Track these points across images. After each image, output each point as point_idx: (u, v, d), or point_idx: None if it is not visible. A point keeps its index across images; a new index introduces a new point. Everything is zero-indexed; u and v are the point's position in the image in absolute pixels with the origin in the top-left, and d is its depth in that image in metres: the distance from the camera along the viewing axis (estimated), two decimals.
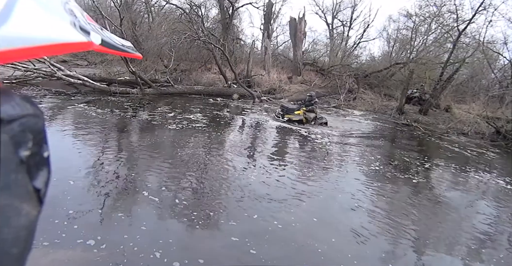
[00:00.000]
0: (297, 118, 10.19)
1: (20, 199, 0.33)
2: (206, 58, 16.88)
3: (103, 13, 12.95)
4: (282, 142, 8.04)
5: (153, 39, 15.71)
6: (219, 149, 6.77)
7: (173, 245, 3.24)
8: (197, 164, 5.75)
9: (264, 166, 5.95)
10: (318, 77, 18.43)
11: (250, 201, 4.42)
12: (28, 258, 0.34)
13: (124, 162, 5.64)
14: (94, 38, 0.49)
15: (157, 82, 13.56)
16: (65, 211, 3.64)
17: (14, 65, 11.67)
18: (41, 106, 9.42)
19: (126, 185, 4.64)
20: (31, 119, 0.35)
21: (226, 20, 18.99)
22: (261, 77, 16.38)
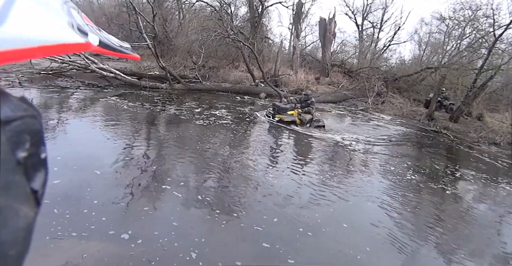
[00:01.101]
0: (290, 118, 9.38)
1: (18, 201, 0.32)
2: (234, 56, 16.95)
3: (136, 9, 13.18)
4: (305, 145, 7.82)
5: (183, 36, 15.90)
6: (243, 148, 6.74)
7: (206, 246, 3.21)
8: (221, 161, 5.74)
9: (287, 168, 5.85)
10: (346, 79, 18.16)
11: (274, 204, 4.33)
12: (25, 259, 0.32)
13: (151, 155, 5.72)
14: (92, 39, 0.48)
15: (186, 78, 13.71)
16: (92, 202, 3.70)
17: (51, 57, 12.10)
18: (75, 97, 9.75)
19: (151, 178, 4.69)
20: (28, 120, 0.34)
21: (255, 19, 18.99)
22: (289, 77, 16.28)
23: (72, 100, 9.40)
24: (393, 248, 3.67)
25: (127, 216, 3.58)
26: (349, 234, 3.86)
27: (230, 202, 4.24)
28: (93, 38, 0.48)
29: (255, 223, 3.76)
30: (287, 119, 9.32)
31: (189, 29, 16.37)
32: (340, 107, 14.26)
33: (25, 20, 0.37)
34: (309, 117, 9.44)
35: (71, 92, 10.41)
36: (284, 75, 16.32)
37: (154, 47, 12.60)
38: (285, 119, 9.31)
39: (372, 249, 3.59)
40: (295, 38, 18.92)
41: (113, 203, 3.76)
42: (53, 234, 3.06)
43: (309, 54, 22.02)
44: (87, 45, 0.45)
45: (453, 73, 14.52)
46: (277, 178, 5.26)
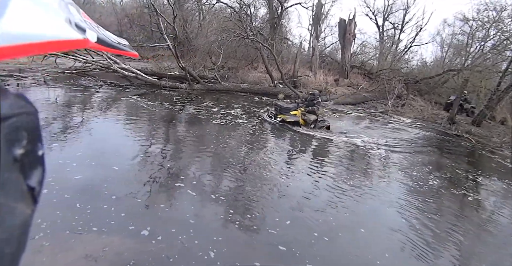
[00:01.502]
0: (292, 119, 8.89)
1: (14, 198, 0.32)
2: (253, 57, 16.99)
3: (158, 10, 13.39)
4: (322, 147, 7.71)
5: (203, 37, 16.05)
6: (258, 147, 6.75)
7: (223, 245, 3.21)
8: (236, 160, 5.76)
9: (303, 170, 5.80)
10: (366, 80, 17.92)
11: (288, 206, 4.30)
12: (21, 258, 0.32)
13: (167, 152, 5.84)
14: (90, 36, 0.48)
15: (205, 78, 13.82)
16: (110, 197, 3.79)
17: (75, 57, 12.45)
18: (98, 96, 9.98)
19: (167, 176, 4.76)
20: (25, 117, 0.34)
21: (275, 20, 18.98)
22: (308, 78, 16.20)
23: (94, 99, 9.62)
24: (413, 255, 3.58)
25: (145, 212, 3.63)
26: (366, 239, 3.78)
27: (245, 202, 4.24)
28: (91, 34, 0.49)
29: (270, 224, 3.74)
30: (289, 120, 8.92)
31: (208, 30, 16.52)
32: (359, 109, 14.06)
33: (22, 16, 0.37)
34: (314, 117, 9.08)
35: (94, 91, 10.66)
36: (303, 76, 16.25)
37: (174, 48, 12.76)
38: (288, 120, 8.91)
39: (391, 255, 3.52)
40: (314, 39, 18.82)
41: (130, 199, 3.83)
42: (74, 228, 3.14)
43: (329, 56, 21.85)
44: (84, 42, 0.45)
45: (476, 75, 14.13)
46: (292, 180, 5.24)
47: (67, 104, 8.61)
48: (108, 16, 26.37)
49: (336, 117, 11.21)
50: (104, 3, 29.86)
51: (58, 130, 6.21)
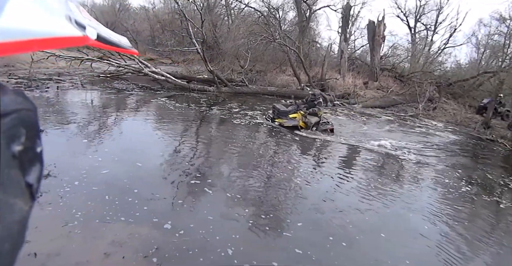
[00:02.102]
0: (290, 123, 8.38)
1: (13, 195, 0.32)
2: (281, 60, 17.03)
3: (186, 16, 13.78)
4: (348, 150, 7.58)
5: (231, 41, 16.29)
6: (284, 150, 6.82)
7: (241, 244, 3.26)
8: (261, 161, 5.86)
9: (327, 173, 5.76)
10: (396, 83, 17.47)
11: (307, 208, 4.27)
12: (19, 254, 0.33)
13: (187, 150, 6.10)
14: (90, 33, 0.48)
15: (233, 81, 14.03)
16: (133, 191, 4.04)
17: (109, 61, 13.00)
18: (130, 98, 10.43)
19: (186, 173, 4.94)
20: (24, 114, 0.34)
21: (303, 23, 18.97)
22: (336, 81, 16.03)
23: (126, 101, 10.20)
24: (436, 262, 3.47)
25: (166, 207, 3.83)
26: (386, 244, 3.70)
27: (263, 202, 4.30)
28: (91, 31, 0.49)
29: (288, 226, 3.76)
30: (287, 124, 8.40)
31: (236, 34, 16.75)
32: (388, 112, 13.73)
33: (22, 12, 0.37)
34: (316, 119, 8.48)
35: (126, 94, 11.24)
36: (331, 79, 16.09)
37: (202, 52, 13.07)
38: (285, 124, 8.40)
39: (412, 261, 3.41)
40: (343, 41, 18.59)
41: (152, 194, 4.03)
42: (103, 217, 3.39)
43: (358, 58, 21.51)
44: (84, 39, 0.45)
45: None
46: (312, 182, 5.22)
47: (101, 106, 9.18)
48: (142, 22, 27.28)
49: (363, 120, 10.99)
50: (137, 9, 30.97)
51: (90, 129, 6.71)
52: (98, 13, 26.28)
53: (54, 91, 10.46)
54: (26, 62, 13.38)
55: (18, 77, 12.15)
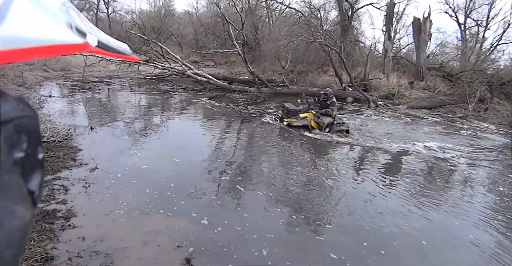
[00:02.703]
0: (300, 123, 7.86)
1: (14, 201, 0.32)
2: (322, 61, 16.87)
3: (228, 19, 14.11)
4: (390, 153, 7.07)
5: (272, 42, 16.40)
6: (323, 153, 6.72)
7: (275, 245, 3.25)
8: (293, 161, 5.84)
9: (366, 176, 5.53)
10: (444, 83, 16.64)
11: (343, 212, 4.13)
12: (20, 261, 0.34)
13: (226, 149, 6.28)
14: (91, 40, 0.49)
15: (274, 82, 14.13)
16: (169, 185, 4.29)
17: (155, 64, 13.63)
18: (174, 98, 10.92)
19: (219, 170, 5.09)
20: (25, 120, 0.34)
21: (345, 22, 18.65)
22: (379, 81, 15.59)
23: (170, 101, 10.77)
24: None
25: (201, 202, 3.98)
26: (430, 253, 3.46)
27: (299, 203, 4.26)
28: (91, 38, 0.49)
29: (324, 229, 3.69)
30: (296, 124, 7.88)
31: (277, 35, 16.84)
32: (434, 113, 13.09)
33: (23, 20, 0.37)
34: (329, 120, 7.93)
35: (170, 94, 11.85)
36: (375, 79, 15.67)
37: (243, 53, 13.32)
38: (294, 124, 7.89)
39: None
40: (387, 40, 18.03)
41: (188, 189, 4.22)
42: (144, 209, 3.63)
43: (404, 57, 20.73)
44: (85, 46, 0.45)
45: None
46: (349, 184, 5.07)
47: (147, 106, 9.79)
48: (186, 26, 28.23)
49: (408, 122, 10.59)
50: (182, 14, 32.09)
51: (135, 127, 7.22)
52: (145, 19, 27.52)
53: (105, 92, 11.25)
54: (80, 66, 14.45)
55: (73, 79, 13.17)
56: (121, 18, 32.58)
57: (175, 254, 2.95)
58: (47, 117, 7.12)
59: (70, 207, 3.57)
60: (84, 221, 3.31)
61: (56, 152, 5.10)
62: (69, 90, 11.31)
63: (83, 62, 13.04)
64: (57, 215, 3.39)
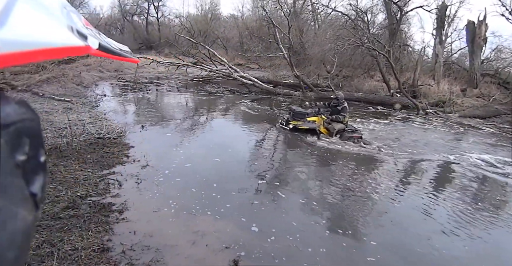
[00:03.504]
0: (307, 125, 7.29)
1: (16, 203, 0.32)
2: (369, 65, 16.52)
3: (274, 22, 14.24)
4: (442, 166, 6.51)
5: (318, 46, 16.31)
6: (369, 163, 6.26)
7: (327, 261, 3.17)
8: (338, 171, 5.65)
9: (411, 189, 5.17)
10: (500, 91, 15.66)
11: (389, 228, 3.88)
12: (24, 263, 0.34)
13: (267, 152, 6.33)
14: (92, 43, 0.49)
15: (319, 86, 14.04)
16: (212, 185, 4.43)
17: (202, 66, 14.08)
18: (219, 100, 11.27)
19: (265, 174, 5.12)
20: (27, 124, 0.35)
21: (393, 26, 18.11)
22: (429, 88, 14.97)
23: (215, 102, 11.16)
24: None
25: (246, 206, 4.02)
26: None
27: (347, 215, 4.12)
28: (92, 41, 0.50)
29: (370, 245, 3.49)
30: (302, 126, 7.30)
31: (323, 38, 16.72)
32: (489, 124, 12.30)
33: (25, 23, 0.37)
34: (340, 126, 7.38)
35: (216, 96, 12.27)
36: (424, 85, 15.07)
37: (289, 57, 13.35)
38: (300, 126, 7.30)
39: None
40: (438, 44, 17.29)
41: (231, 191, 4.31)
42: (191, 209, 3.75)
43: (455, 62, 19.77)
44: (86, 49, 0.46)
45: None
46: (394, 198, 4.73)
47: (193, 106, 10.30)
48: (231, 29, 28.72)
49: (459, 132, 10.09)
50: (227, 18, 32.75)
51: (181, 126, 7.59)
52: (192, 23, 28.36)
53: (154, 93, 11.86)
54: (132, 67, 15.26)
55: (125, 80, 13.98)
56: (170, 22, 33.81)
57: (223, 255, 3.00)
58: (103, 115, 7.64)
59: (124, 201, 3.78)
60: (135, 216, 3.50)
61: (111, 149, 5.45)
62: (121, 90, 12.08)
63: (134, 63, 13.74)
64: (112, 208, 3.60)
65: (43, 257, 2.69)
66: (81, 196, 3.79)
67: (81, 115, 7.29)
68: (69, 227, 3.15)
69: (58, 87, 10.43)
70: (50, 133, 5.85)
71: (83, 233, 3.09)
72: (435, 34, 18.71)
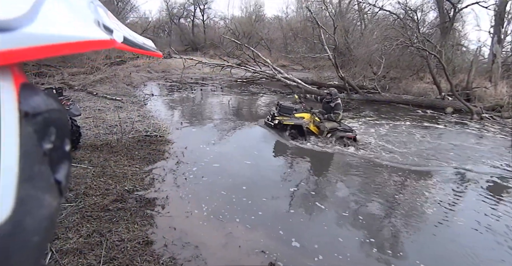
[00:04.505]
0: (292, 121, 6.61)
1: (42, 191, 0.34)
2: (418, 66, 15.77)
3: (319, 23, 14.06)
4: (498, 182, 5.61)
5: (364, 46, 15.86)
6: (427, 176, 5.70)
7: None
8: (383, 183, 5.17)
9: (469, 204, 4.68)
10: None
11: (437, 253, 3.43)
12: (47, 246, 0.35)
13: (299, 159, 5.99)
14: (117, 36, 0.50)
15: (364, 88, 13.64)
16: (240, 188, 4.42)
17: (246, 68, 14.25)
18: (262, 100, 11.31)
19: (299, 181, 4.95)
20: (54, 114, 0.36)
21: (446, 24, 17.16)
22: (485, 90, 14.00)
23: (257, 103, 11.29)
24: None
25: (279, 216, 3.88)
26: None
27: (390, 233, 3.77)
28: (118, 35, 0.50)
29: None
30: (288, 122, 6.62)
31: (370, 39, 16.23)
32: None
33: (54, 18, 0.38)
34: (332, 125, 6.71)
35: (259, 96, 12.44)
36: (479, 87, 14.12)
37: (334, 58, 13.11)
38: (286, 122, 6.62)
39: None
40: (495, 43, 16.14)
41: (260, 196, 4.25)
42: (222, 213, 3.76)
43: None
44: (112, 42, 0.46)
45: None
46: (447, 222, 4.10)
47: (235, 106, 10.50)
48: (275, 31, 28.75)
49: None
50: (271, 19, 32.83)
51: (220, 126, 7.71)
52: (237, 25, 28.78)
53: (198, 93, 12.24)
54: (178, 68, 15.84)
55: (172, 80, 14.62)
56: (215, 24, 34.59)
57: (259, 258, 3.03)
58: (150, 113, 8.07)
59: (165, 196, 3.97)
60: (174, 211, 3.67)
61: (157, 146, 5.74)
62: (168, 89, 12.67)
63: (181, 64, 14.29)
64: (156, 203, 3.79)
65: (93, 246, 2.88)
66: (129, 190, 4.01)
67: (131, 113, 7.68)
68: (116, 219, 3.34)
69: (110, 87, 11.07)
70: (102, 130, 6.26)
71: (129, 225, 3.27)
72: (492, 33, 17.50)
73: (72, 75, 12.05)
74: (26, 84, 0.35)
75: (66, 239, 2.94)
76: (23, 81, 0.35)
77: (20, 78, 0.35)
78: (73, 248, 2.81)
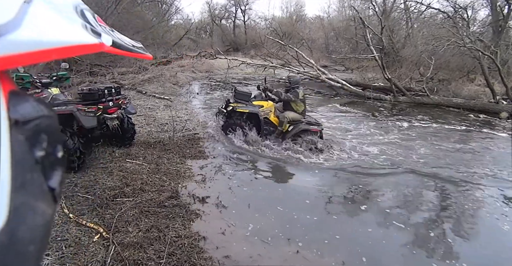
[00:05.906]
0: (247, 109, 5.82)
1: (36, 198, 0.33)
2: (470, 68, 15.04)
3: (365, 22, 13.80)
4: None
5: (411, 47, 15.38)
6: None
7: None
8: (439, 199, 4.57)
9: None
10: None
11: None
12: (43, 255, 0.30)
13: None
14: (105, 40, 0.49)
15: (411, 90, 13.22)
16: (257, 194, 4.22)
17: (290, 68, 14.31)
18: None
19: (349, 194, 4.45)
20: (45, 120, 0.35)
21: (500, 22, 16.22)
22: None
23: None
24: None
25: (308, 231, 3.44)
26: None
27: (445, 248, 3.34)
28: (106, 38, 0.50)
29: None
30: (241, 109, 5.83)
31: (417, 39, 15.70)
32: None
33: (40, 23, 0.38)
34: (294, 115, 5.89)
35: None
36: None
37: (380, 59, 12.81)
38: (239, 109, 5.83)
39: None
40: None
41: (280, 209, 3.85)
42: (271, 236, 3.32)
43: None
44: (100, 46, 0.46)
45: None
46: None
47: None
48: (316, 31, 28.59)
49: None
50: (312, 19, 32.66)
51: None
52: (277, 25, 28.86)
53: None
54: (221, 68, 16.21)
55: (215, 80, 14.99)
56: (255, 25, 34.93)
57: None
58: (196, 111, 8.33)
59: (217, 196, 3.98)
60: (218, 214, 3.63)
61: (204, 143, 5.91)
62: (211, 89, 12.91)
63: (223, 65, 14.59)
64: (208, 202, 3.85)
65: (152, 240, 2.94)
66: (182, 187, 4.13)
67: (179, 112, 7.90)
68: (173, 216, 3.40)
69: (157, 86, 11.44)
70: (154, 127, 6.48)
71: (185, 222, 3.31)
72: None
73: (122, 74, 12.64)
74: (14, 92, 0.35)
75: (126, 232, 3.02)
76: (11, 89, 0.35)
77: (9, 85, 0.35)
78: (134, 242, 2.88)
